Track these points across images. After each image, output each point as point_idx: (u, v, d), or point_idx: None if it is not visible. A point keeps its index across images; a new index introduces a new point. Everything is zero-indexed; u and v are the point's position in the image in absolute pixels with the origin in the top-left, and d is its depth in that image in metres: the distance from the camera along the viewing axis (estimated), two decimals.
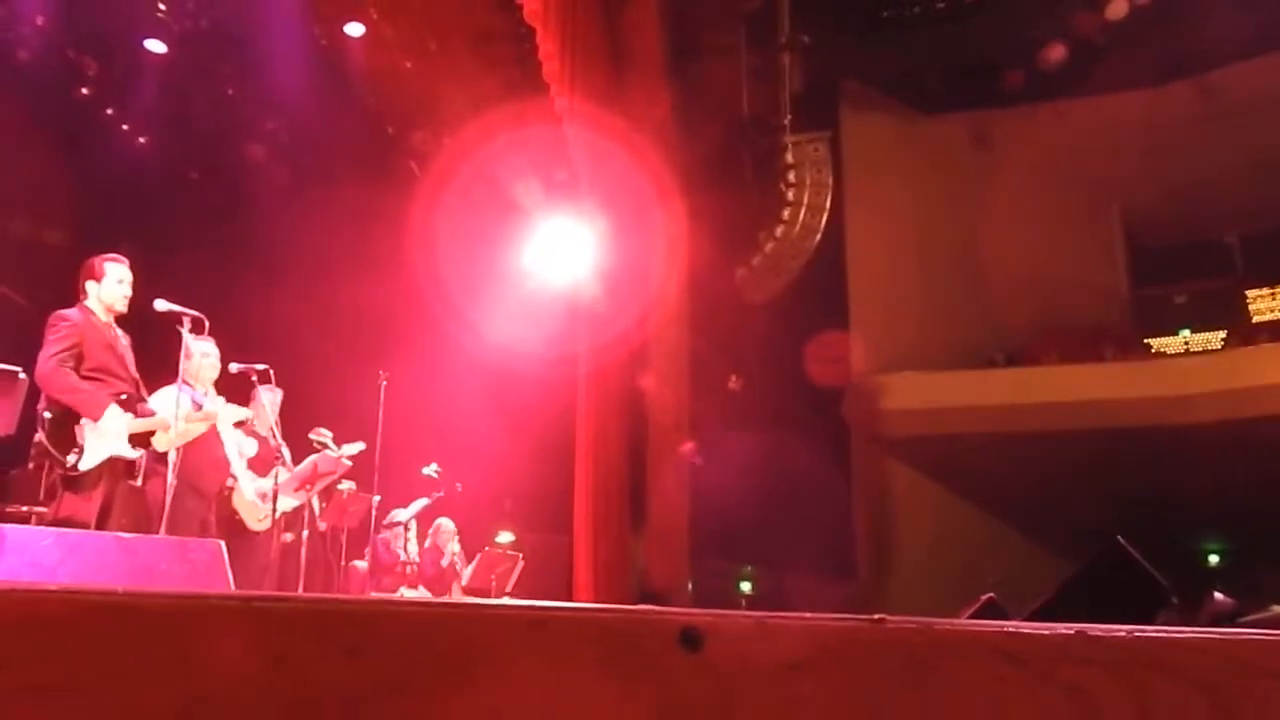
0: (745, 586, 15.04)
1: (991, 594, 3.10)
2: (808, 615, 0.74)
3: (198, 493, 5.50)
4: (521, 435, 10.07)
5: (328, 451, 6.42)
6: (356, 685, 0.73)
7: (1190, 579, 12.92)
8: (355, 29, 10.75)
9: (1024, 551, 15.04)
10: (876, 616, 0.66)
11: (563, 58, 8.80)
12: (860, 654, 0.65)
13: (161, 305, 5.25)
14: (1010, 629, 0.66)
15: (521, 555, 8.49)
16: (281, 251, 10.24)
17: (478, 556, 8.35)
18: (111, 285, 5.16)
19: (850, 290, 15.68)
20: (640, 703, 0.66)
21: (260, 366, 6.03)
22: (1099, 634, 0.64)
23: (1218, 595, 3.77)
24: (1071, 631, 0.65)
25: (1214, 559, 15.93)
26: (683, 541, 10.86)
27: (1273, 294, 17.28)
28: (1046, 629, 0.66)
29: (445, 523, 8.50)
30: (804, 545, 13.81)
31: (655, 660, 0.66)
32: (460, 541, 8.64)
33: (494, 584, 8.02)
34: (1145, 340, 16.65)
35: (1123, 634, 0.65)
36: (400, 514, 7.91)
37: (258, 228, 10.46)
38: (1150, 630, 0.72)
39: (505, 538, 10.59)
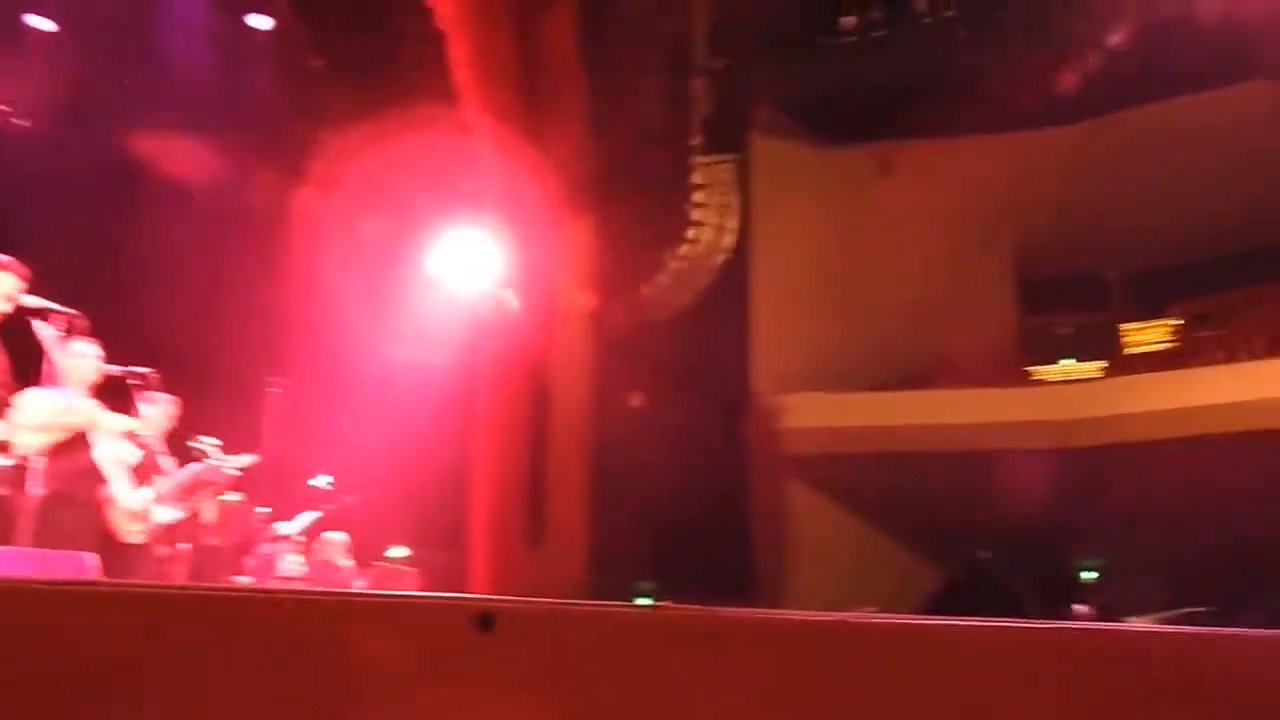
0: (644, 603, 15.04)
1: (874, 608, 3.14)
2: (600, 603, 0.84)
3: (69, 503, 5.22)
4: (418, 448, 9.88)
5: (212, 461, 6.17)
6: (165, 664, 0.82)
7: (1066, 595, 13.44)
8: (262, 21, 10.46)
9: (917, 568, 15.46)
10: (658, 604, 0.74)
11: (473, 66, 8.72)
12: (643, 634, 0.76)
13: (33, 302, 4.98)
14: (767, 614, 0.77)
15: (415, 570, 8.32)
16: (170, 251, 9.85)
17: (369, 572, 8.15)
18: None
19: (753, 310, 15.88)
20: (437, 677, 0.74)
21: (143, 371, 5.77)
22: (852, 619, 0.80)
23: (1079, 609, 3.90)
24: (830, 616, 0.76)
25: (1089, 575, 16.56)
26: (581, 558, 10.81)
27: (1147, 327, 18.16)
28: (801, 616, 0.77)
29: (333, 536, 8.27)
30: (703, 562, 13.89)
31: (453, 639, 0.74)
32: (353, 556, 8.42)
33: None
34: (1030, 368, 17.29)
35: (852, 619, 0.81)
36: (286, 527, 7.67)
37: (145, 225, 10.05)
38: (871, 617, 0.83)
39: (398, 553, 10.38)
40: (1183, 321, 18.07)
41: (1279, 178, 15.53)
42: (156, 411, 5.96)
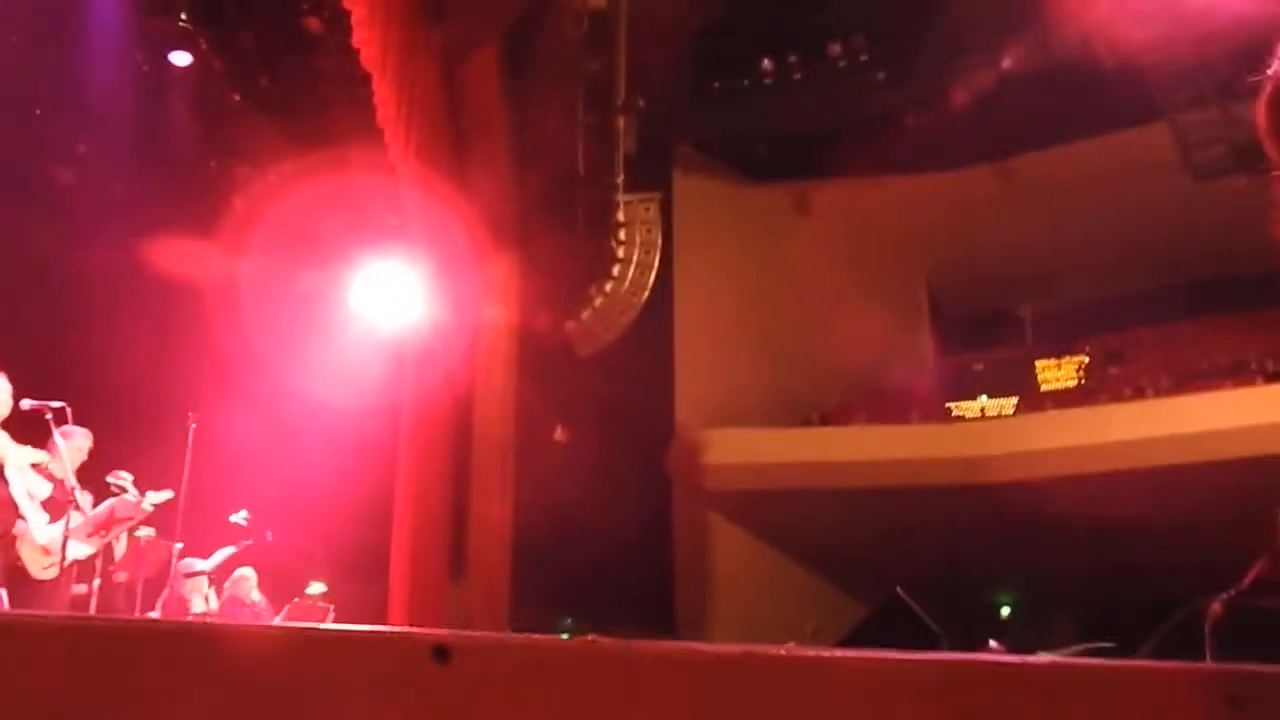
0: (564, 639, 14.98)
1: (794, 643, 3.27)
2: (540, 636, 0.91)
3: None
4: (338, 483, 9.82)
5: (127, 496, 6.11)
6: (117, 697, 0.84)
7: (983, 629, 13.68)
8: (181, 58, 10.40)
9: (838, 603, 15.60)
10: (590, 638, 0.84)
11: (398, 105, 8.78)
12: (577, 666, 0.82)
13: None
14: (687, 647, 0.84)
15: (333, 606, 8.25)
16: (85, 285, 9.72)
17: (286, 607, 8.07)
18: None
19: (676, 346, 16.07)
20: (399, 705, 0.81)
21: (55, 405, 5.72)
22: (766, 652, 0.84)
23: (992, 643, 4.04)
24: (739, 650, 0.84)
25: (1005, 610, 16.91)
26: (503, 592, 10.80)
27: (1058, 364, 18.67)
28: (715, 649, 0.85)
29: (246, 572, 8.17)
30: (625, 596, 13.93)
31: (411, 671, 0.82)
32: (270, 592, 8.32)
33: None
34: (947, 404, 17.65)
35: (779, 652, 0.85)
36: (200, 563, 7.57)
37: (58, 256, 9.88)
38: (795, 650, 0.90)
39: (317, 588, 10.27)
40: (1091, 359, 18.65)
41: (1183, 217, 16.23)
42: (70, 446, 5.89)
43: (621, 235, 12.12)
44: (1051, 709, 0.83)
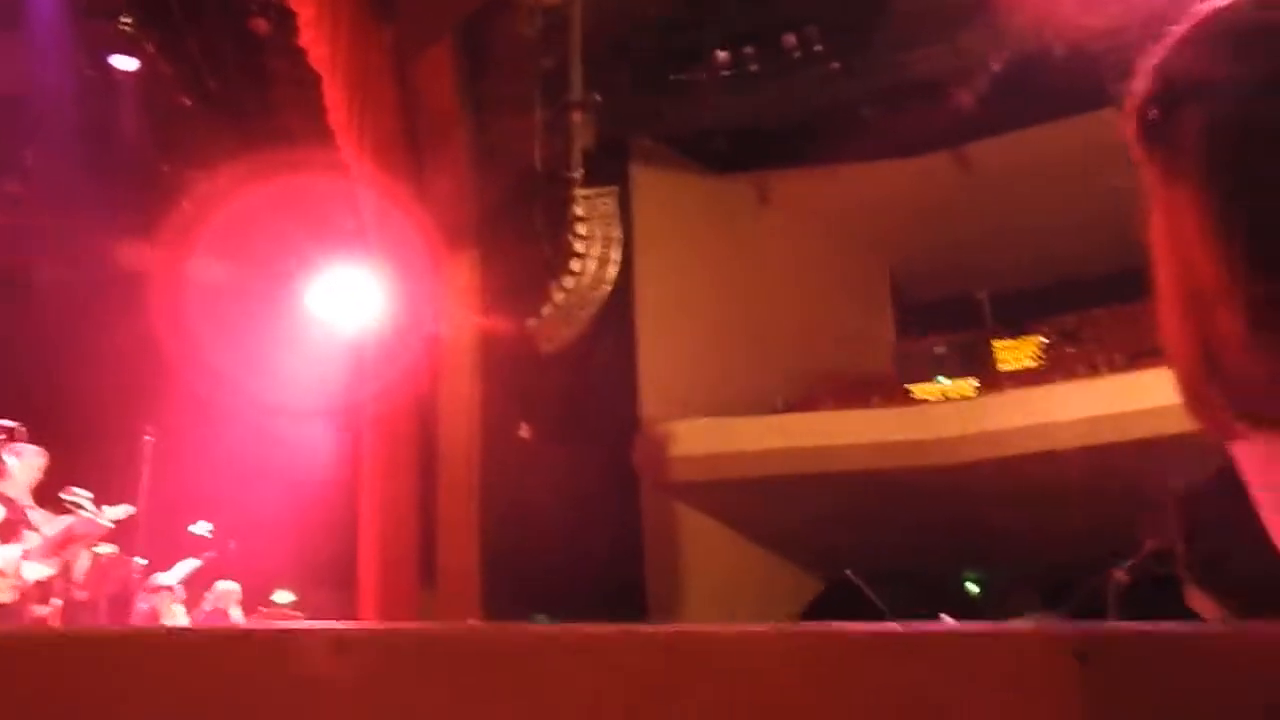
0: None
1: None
2: (437, 625, 0.98)
3: None
4: (303, 489, 9.74)
5: (84, 514, 6.02)
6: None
7: (948, 607, 13.88)
8: (127, 63, 10.23)
9: (810, 590, 15.74)
10: (469, 621, 0.88)
11: (351, 106, 8.71)
12: (471, 653, 0.87)
13: None
14: (581, 629, 0.90)
15: (302, 615, 8.19)
16: (35, 295, 9.56)
17: (253, 617, 8.00)
18: None
19: (639, 340, 16.08)
20: (304, 690, 0.88)
21: (8, 424, 5.62)
22: (651, 630, 0.90)
23: (944, 618, 4.10)
24: (617, 628, 0.90)
25: (971, 588, 17.14)
26: (473, 592, 10.78)
27: (1016, 345, 18.93)
28: (616, 629, 0.90)
29: (227, 585, 8.09)
30: (596, 591, 13.94)
31: (310, 663, 0.87)
32: (239, 603, 8.24)
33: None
34: (908, 387, 17.83)
35: (662, 629, 0.92)
36: (164, 578, 7.48)
37: (8, 268, 9.71)
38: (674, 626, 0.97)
39: (284, 597, 10.19)
40: (1049, 339, 18.91)
41: (1135, 200, 16.43)
42: (24, 465, 5.80)
43: (581, 230, 12.07)
44: (908, 672, 0.87)
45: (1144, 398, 13.99)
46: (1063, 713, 0.85)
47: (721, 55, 14.80)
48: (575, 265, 12.18)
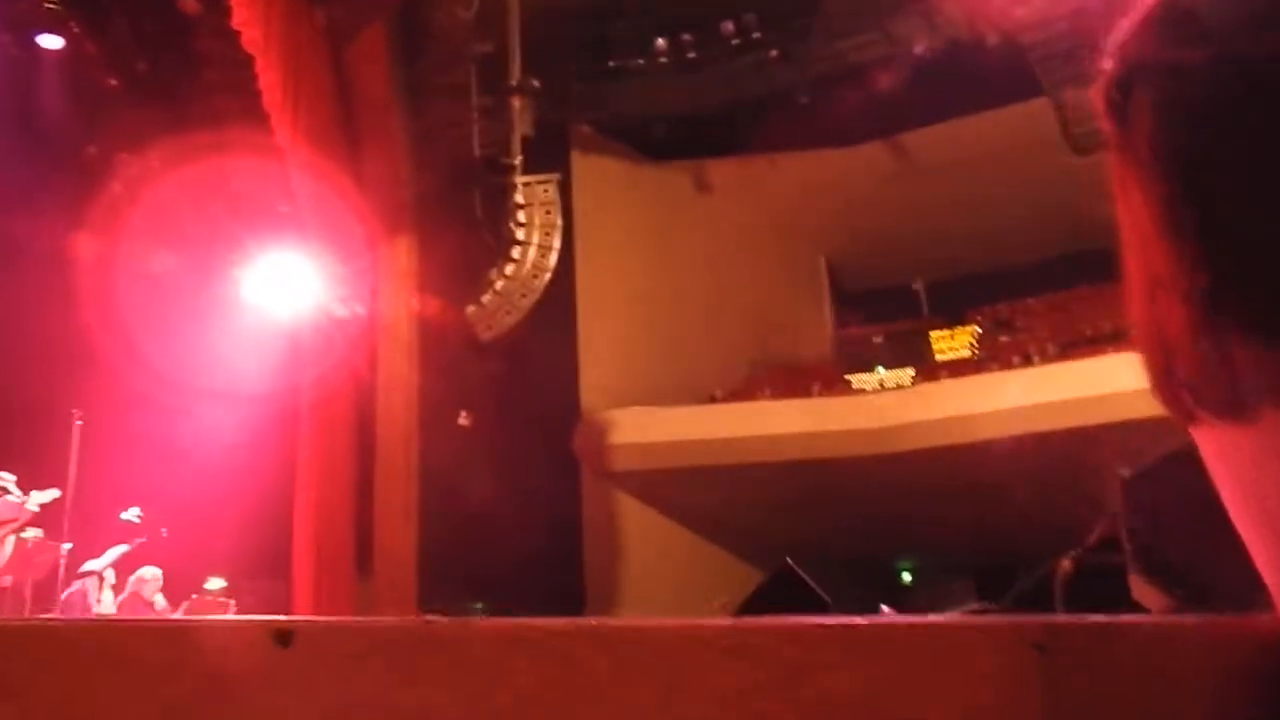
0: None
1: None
2: (379, 619, 0.96)
3: None
4: (235, 476, 9.59)
5: (9, 497, 5.90)
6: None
7: (885, 595, 14.07)
8: (52, 41, 9.99)
9: (747, 577, 15.80)
10: (427, 617, 0.88)
11: (285, 88, 8.60)
12: (412, 645, 0.86)
13: None
14: (523, 622, 0.88)
15: (233, 602, 8.09)
16: None
17: (184, 604, 7.88)
18: None
19: (579, 328, 16.07)
20: (242, 686, 0.87)
21: None
22: (591, 622, 0.87)
23: (885, 609, 4.17)
24: (569, 622, 0.87)
25: (906, 576, 17.39)
26: (410, 580, 10.72)
27: (952, 335, 19.21)
28: (559, 622, 0.88)
29: (149, 571, 7.95)
30: (534, 580, 13.92)
31: (252, 655, 0.86)
32: (166, 589, 8.10)
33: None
34: (847, 377, 18.01)
35: (612, 623, 0.88)
36: (93, 563, 7.34)
37: None
38: (629, 620, 0.96)
39: (215, 584, 10.03)
40: (983, 329, 19.23)
41: (1067, 191, 16.77)
42: None
43: (520, 217, 12.05)
44: (869, 665, 0.90)
45: (1075, 386, 14.31)
46: (1021, 704, 0.85)
47: (660, 43, 14.86)
48: (516, 253, 12.16)
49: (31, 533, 6.53)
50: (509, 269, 12.13)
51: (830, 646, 0.89)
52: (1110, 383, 14.06)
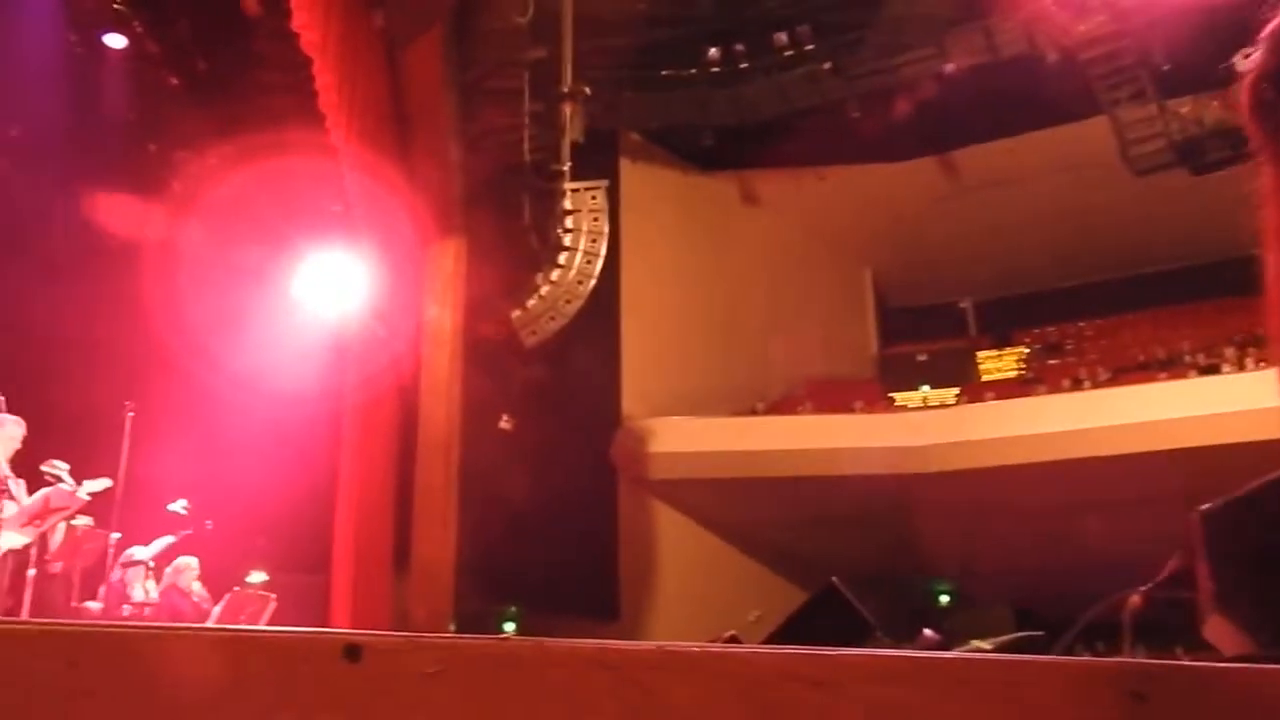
0: (509, 627, 15.00)
1: (734, 632, 3.30)
2: (452, 635, 0.91)
3: None
4: (280, 472, 9.70)
5: (62, 485, 6.00)
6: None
7: (921, 618, 13.88)
8: (116, 40, 10.19)
9: (782, 590, 15.71)
10: (503, 636, 0.83)
11: (340, 90, 8.70)
12: (487, 664, 0.82)
13: None
14: (606, 645, 0.83)
15: (274, 596, 8.15)
16: (19, 270, 9.48)
17: (226, 597, 7.96)
18: None
19: (623, 336, 16.07)
20: (308, 702, 0.82)
21: None
22: (673, 647, 0.83)
23: (927, 632, 4.09)
24: (654, 646, 0.82)
25: (944, 599, 17.17)
26: (447, 581, 10.74)
27: (999, 355, 18.99)
28: (635, 646, 0.83)
29: (188, 561, 8.05)
30: (570, 585, 13.93)
31: (321, 670, 0.81)
32: (209, 581, 8.20)
33: (243, 625, 7.65)
34: (890, 394, 17.86)
35: (694, 648, 0.84)
36: (139, 552, 7.45)
37: None
38: (713, 646, 0.91)
39: (257, 578, 10.15)
40: (1031, 350, 18.99)
41: (1123, 212, 16.57)
42: (3, 435, 5.77)
43: (568, 224, 12.07)
44: (957, 706, 0.85)
45: (1128, 412, 14.06)
46: None
47: (713, 52, 14.84)
48: (561, 258, 12.18)
49: (82, 520, 6.64)
50: (554, 274, 12.16)
51: (920, 684, 0.85)
52: (1163, 409, 13.82)
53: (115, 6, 9.92)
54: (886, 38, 14.52)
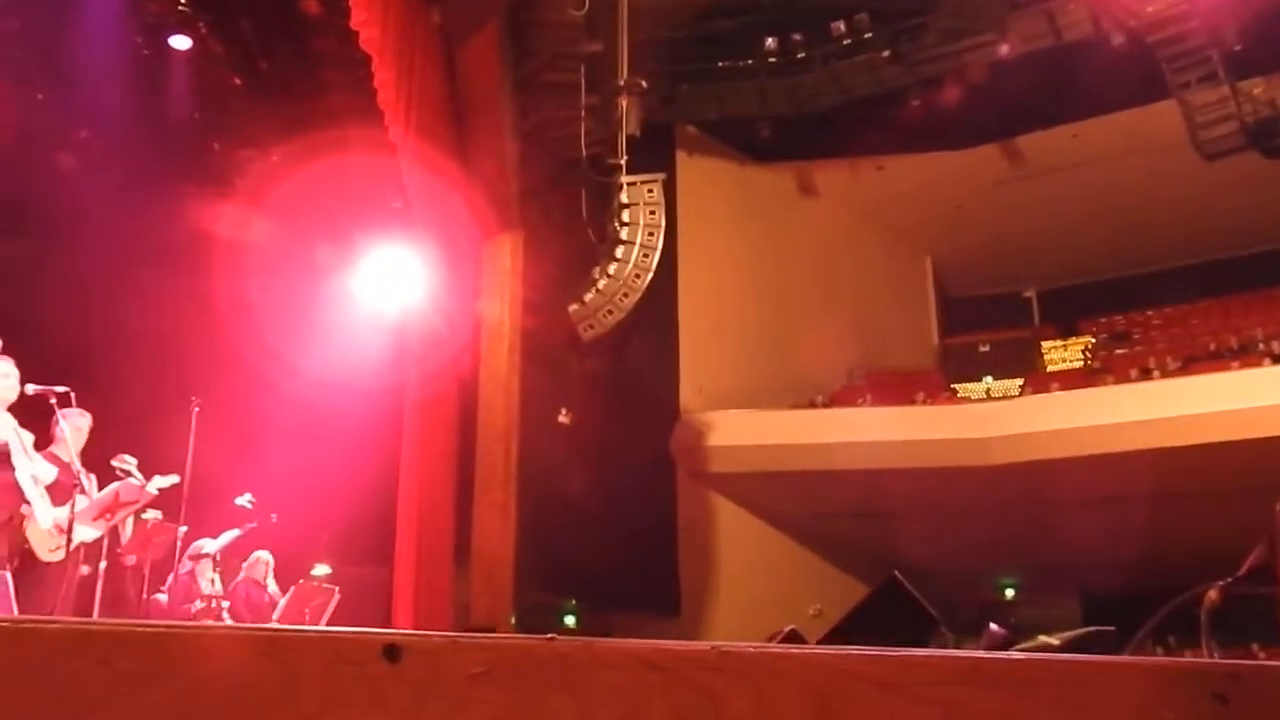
0: (569, 620, 15.07)
1: (793, 626, 3.25)
2: (495, 634, 0.88)
3: None
4: (343, 466, 9.84)
5: (131, 479, 6.11)
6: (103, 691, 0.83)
7: (986, 612, 13.67)
8: (181, 41, 10.39)
9: (842, 584, 15.59)
10: (549, 636, 0.80)
11: (399, 87, 8.75)
12: (533, 665, 0.79)
13: None
14: (658, 646, 0.80)
15: (337, 588, 8.27)
16: (89, 268, 9.72)
17: (291, 589, 8.09)
18: None
19: (681, 329, 16.03)
20: (352, 702, 0.80)
21: (60, 389, 5.71)
22: (728, 648, 0.79)
23: (993, 626, 4.02)
24: (708, 646, 0.79)
25: (1009, 593, 16.92)
26: (507, 575, 10.80)
27: (1064, 345, 18.63)
28: (689, 646, 0.80)
29: (263, 555, 8.21)
30: (629, 580, 13.95)
31: (363, 670, 0.80)
32: (276, 574, 8.35)
33: (308, 617, 7.78)
34: (952, 385, 17.61)
35: (751, 649, 0.80)
36: (208, 545, 7.60)
37: (61, 242, 9.89)
38: (772, 646, 0.86)
39: (321, 570, 10.31)
40: (1097, 340, 18.61)
41: (1191, 197, 16.17)
42: (75, 429, 5.89)
43: (625, 217, 12.07)
44: (1032, 707, 0.81)
45: (1199, 402, 13.70)
46: None
47: (770, 42, 14.73)
48: (619, 252, 12.19)
49: (151, 514, 6.78)
50: (612, 268, 12.17)
51: (991, 685, 0.81)
52: (1238, 398, 13.45)
53: (180, 8, 10.11)
54: (946, 23, 14.29)
